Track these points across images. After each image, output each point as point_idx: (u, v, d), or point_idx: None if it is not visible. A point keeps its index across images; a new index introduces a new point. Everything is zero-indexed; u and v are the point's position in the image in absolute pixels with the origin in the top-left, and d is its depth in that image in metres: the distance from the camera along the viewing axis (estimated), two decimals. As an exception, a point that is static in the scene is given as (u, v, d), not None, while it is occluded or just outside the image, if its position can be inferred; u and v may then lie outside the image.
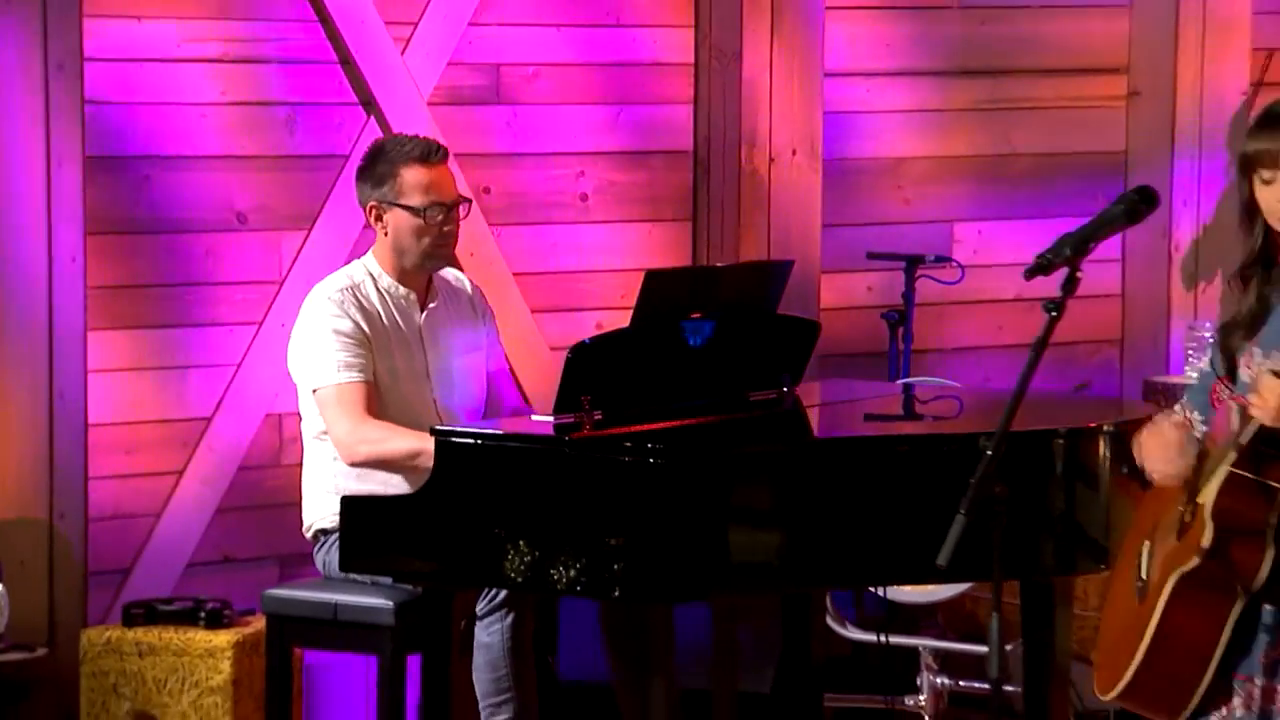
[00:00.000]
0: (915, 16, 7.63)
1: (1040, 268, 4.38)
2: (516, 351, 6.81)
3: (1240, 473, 4.04)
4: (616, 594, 5.39)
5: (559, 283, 7.07)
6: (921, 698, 6.46)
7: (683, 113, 7.34)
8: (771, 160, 7.32)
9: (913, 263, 6.93)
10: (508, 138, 7.12)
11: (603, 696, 6.07)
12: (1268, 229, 4.23)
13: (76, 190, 6.42)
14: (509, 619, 5.79)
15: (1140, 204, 4.52)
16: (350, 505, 5.65)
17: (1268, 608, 4.15)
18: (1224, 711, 4.18)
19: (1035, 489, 5.35)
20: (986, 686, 6.13)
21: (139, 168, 6.59)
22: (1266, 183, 4.20)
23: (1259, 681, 4.19)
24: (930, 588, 6.27)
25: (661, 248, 7.24)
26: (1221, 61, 7.85)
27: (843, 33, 7.48)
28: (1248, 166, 4.25)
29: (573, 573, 5.28)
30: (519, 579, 5.37)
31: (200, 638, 6.27)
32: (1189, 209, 7.69)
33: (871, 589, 6.44)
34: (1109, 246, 7.70)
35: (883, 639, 6.38)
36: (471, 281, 6.42)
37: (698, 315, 5.96)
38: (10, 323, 6.36)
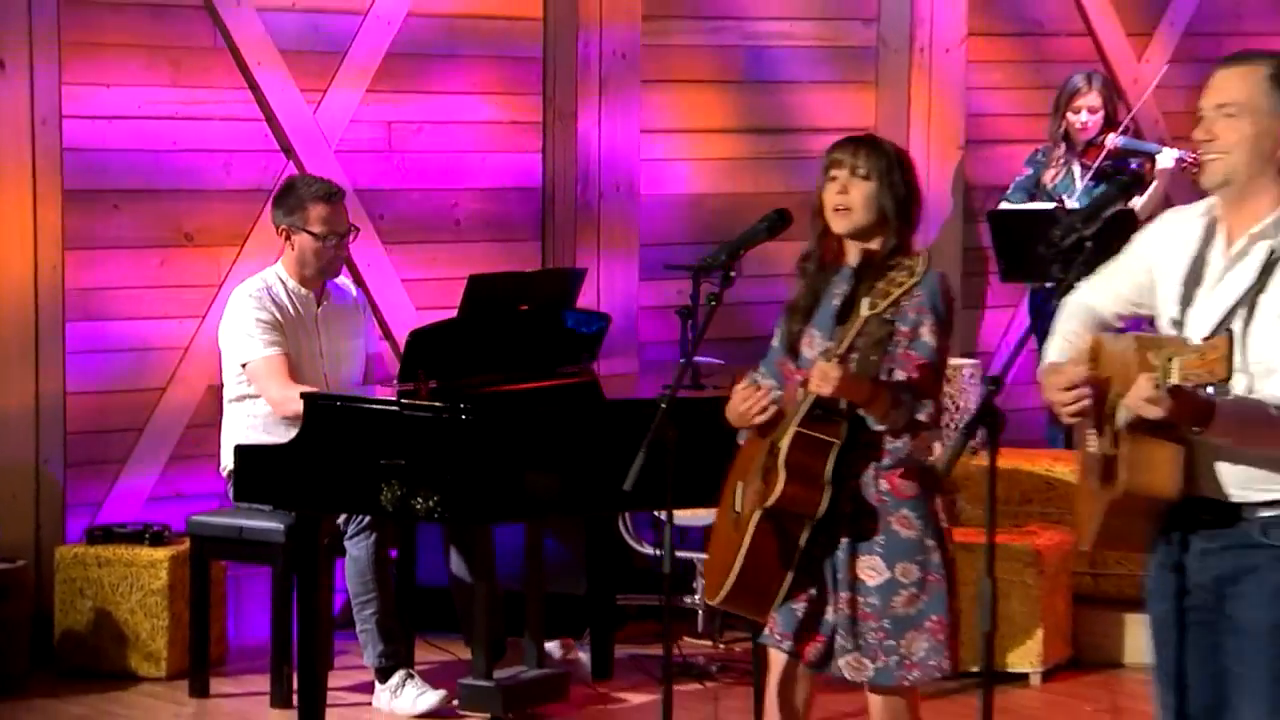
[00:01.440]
0: (712, 87, 7.48)
1: (703, 268, 4.41)
2: (403, 339, 6.79)
3: (804, 431, 4.02)
4: (452, 517, 5.40)
5: (437, 287, 6.87)
6: (696, 597, 6.36)
7: (533, 159, 7.22)
8: (601, 195, 7.20)
9: (696, 272, 6.89)
10: (397, 177, 6.99)
11: (447, 597, 6.04)
12: (826, 227, 4.16)
13: (56, 216, 6.32)
14: (372, 538, 5.79)
15: (778, 222, 4.48)
16: (240, 451, 5.64)
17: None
18: (796, 608, 4.12)
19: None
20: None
21: (109, 199, 6.49)
22: (832, 179, 4.14)
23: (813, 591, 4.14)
24: (702, 512, 6.16)
25: (517, 261, 7.05)
26: (942, 125, 7.77)
27: (656, 99, 7.36)
28: (823, 171, 4.18)
29: (431, 503, 5.24)
30: (391, 509, 5.33)
31: (145, 553, 6.19)
32: (919, 236, 7.60)
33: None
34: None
35: (658, 552, 6.35)
36: (356, 286, 6.40)
37: (523, 308, 5.96)
38: (4, 316, 6.28)
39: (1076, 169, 7.35)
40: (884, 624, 4.10)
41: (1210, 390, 3.36)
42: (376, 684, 5.83)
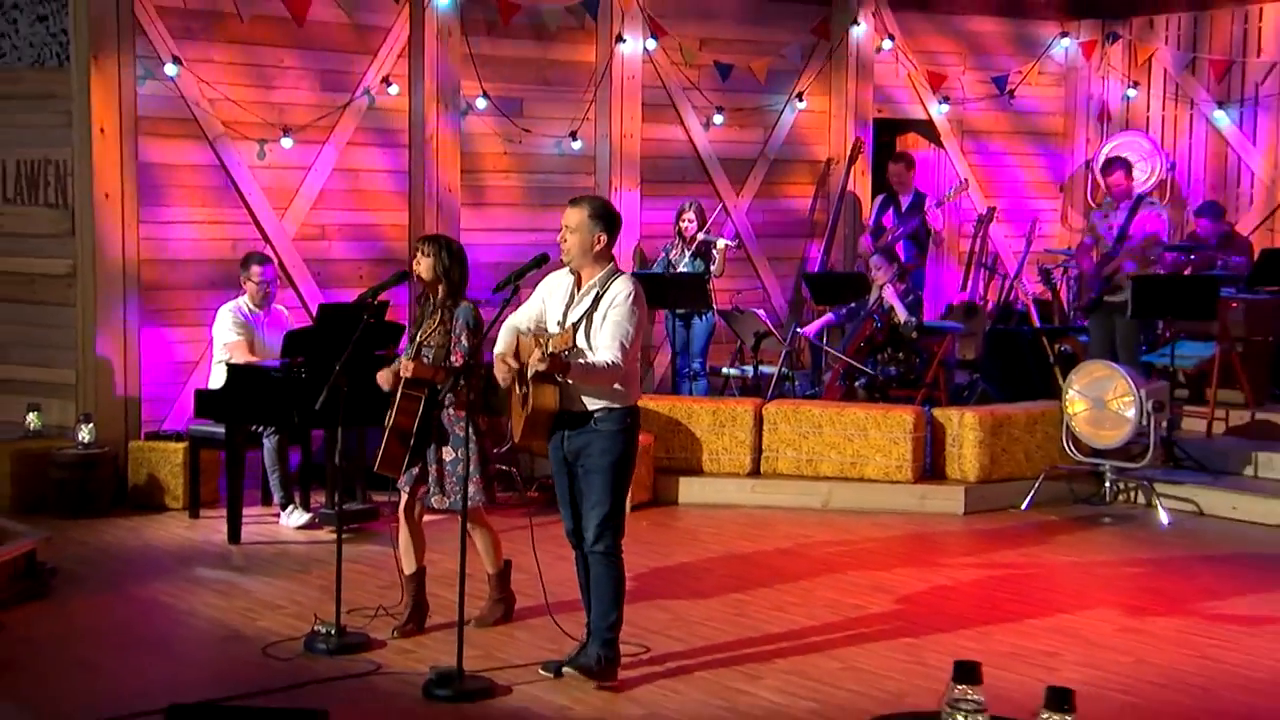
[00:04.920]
0: (502, 207, 7.53)
1: (373, 295, 4.64)
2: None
3: (406, 391, 4.41)
4: (310, 426, 5.71)
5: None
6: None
7: (403, 245, 7.33)
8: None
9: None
10: (331, 253, 7.21)
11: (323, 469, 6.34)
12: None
13: (135, 270, 6.61)
14: (276, 437, 6.13)
15: (400, 278, 4.57)
16: (196, 393, 6.01)
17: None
18: (414, 471, 4.47)
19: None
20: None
21: (169, 265, 6.76)
22: (415, 256, 4.46)
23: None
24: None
25: (397, 303, 7.09)
26: (628, 230, 7.68)
27: (472, 213, 7.40)
28: (412, 252, 4.35)
29: (301, 419, 5.50)
30: (300, 422, 5.62)
31: (173, 446, 6.45)
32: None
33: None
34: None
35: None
36: (285, 309, 6.65)
37: (371, 321, 6.20)
38: (108, 312, 6.50)
39: (686, 252, 7.61)
40: (454, 479, 4.43)
41: (568, 353, 3.90)
42: (280, 512, 6.23)
